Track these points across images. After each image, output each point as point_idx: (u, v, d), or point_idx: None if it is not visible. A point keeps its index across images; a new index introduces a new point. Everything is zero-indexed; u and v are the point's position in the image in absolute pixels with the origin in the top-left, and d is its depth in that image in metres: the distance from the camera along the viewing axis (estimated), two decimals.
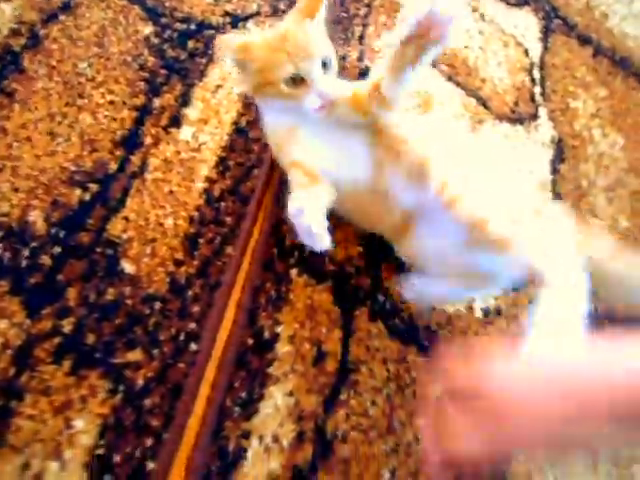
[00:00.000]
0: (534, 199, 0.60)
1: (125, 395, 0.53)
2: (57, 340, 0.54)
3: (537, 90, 0.97)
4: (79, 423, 0.50)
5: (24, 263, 0.57)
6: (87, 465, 0.49)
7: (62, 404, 0.51)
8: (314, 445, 0.55)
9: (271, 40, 0.53)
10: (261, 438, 0.54)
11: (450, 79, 0.90)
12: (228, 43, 0.53)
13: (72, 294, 0.56)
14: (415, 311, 0.66)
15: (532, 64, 1.00)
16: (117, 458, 0.50)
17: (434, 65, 0.90)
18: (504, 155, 0.87)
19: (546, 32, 1.07)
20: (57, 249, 0.58)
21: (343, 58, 0.86)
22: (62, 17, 0.75)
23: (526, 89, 0.96)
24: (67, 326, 0.54)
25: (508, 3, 1.07)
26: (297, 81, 0.51)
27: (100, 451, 0.50)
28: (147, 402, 0.53)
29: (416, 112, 0.84)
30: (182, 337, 0.57)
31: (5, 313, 0.53)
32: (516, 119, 0.90)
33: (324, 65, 0.52)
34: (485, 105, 0.89)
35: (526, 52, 1.01)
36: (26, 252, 0.57)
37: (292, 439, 0.55)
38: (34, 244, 0.58)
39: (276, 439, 0.54)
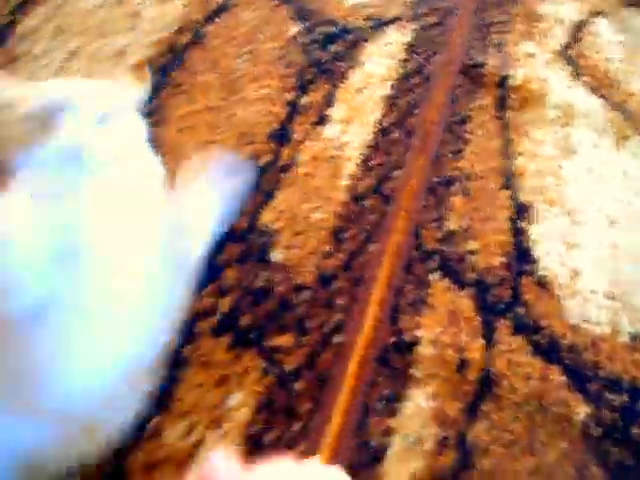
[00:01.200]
0: None
1: (277, 377, 0.55)
2: (216, 318, 0.57)
3: None
4: (236, 398, 0.53)
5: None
6: (243, 438, 0.51)
7: (221, 378, 0.54)
8: (456, 453, 0.54)
9: None
10: (403, 437, 0.54)
11: (593, 91, 0.86)
12: None
13: (230, 274, 0.59)
14: (556, 330, 0.63)
15: None
16: (269, 437, 0.52)
17: (577, 76, 0.87)
18: None
19: None
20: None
21: (481, 65, 0.85)
22: (221, 17, 0.80)
23: None
24: (224, 306, 0.57)
25: None
26: None
27: (255, 428, 0.52)
28: (297, 386, 0.54)
29: (558, 125, 0.81)
30: (328, 328, 0.58)
31: None
32: None
33: None
34: (631, 119, 0.84)
35: None
36: None
37: (434, 443, 0.54)
38: None
39: (418, 441, 0.54)
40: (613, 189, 0.77)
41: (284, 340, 0.57)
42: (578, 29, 0.94)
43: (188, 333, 0.55)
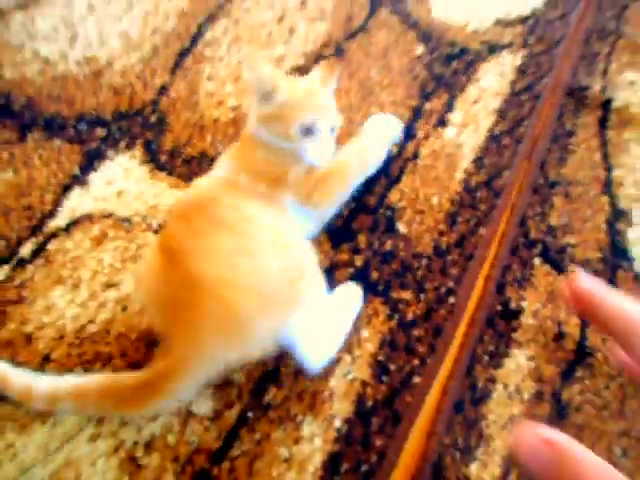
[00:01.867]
0: None
1: (399, 322, 0.66)
2: (351, 270, 0.69)
3: None
4: (365, 333, 0.64)
5: None
6: (370, 365, 0.62)
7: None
8: (551, 405, 0.62)
9: (298, 88, 0.63)
10: (505, 386, 0.63)
11: None
12: (262, 70, 0.59)
13: (362, 239, 0.72)
14: None
15: None
16: (392, 367, 0.63)
17: None
18: None
19: None
20: (351, 205, 0.75)
21: (586, 88, 0.94)
22: (359, 36, 0.95)
23: None
24: (358, 261, 0.70)
25: None
26: (307, 132, 0.61)
27: (380, 357, 0.63)
28: (415, 332, 0.65)
29: None
30: (443, 290, 0.69)
31: (316, 242, 0.71)
32: None
33: (332, 130, 0.65)
34: None
35: None
36: None
37: (532, 395, 0.62)
38: None
39: (518, 391, 0.63)
40: None
41: (405, 294, 0.68)
42: None
43: (330, 278, 0.68)
